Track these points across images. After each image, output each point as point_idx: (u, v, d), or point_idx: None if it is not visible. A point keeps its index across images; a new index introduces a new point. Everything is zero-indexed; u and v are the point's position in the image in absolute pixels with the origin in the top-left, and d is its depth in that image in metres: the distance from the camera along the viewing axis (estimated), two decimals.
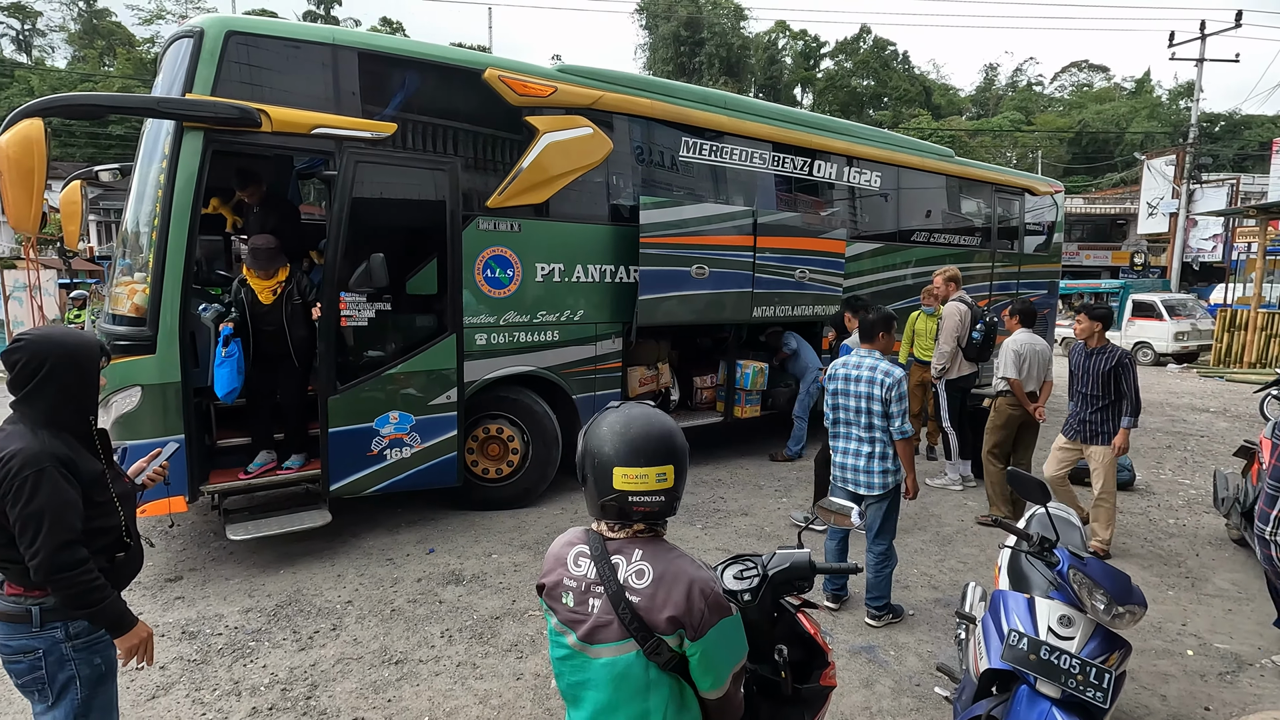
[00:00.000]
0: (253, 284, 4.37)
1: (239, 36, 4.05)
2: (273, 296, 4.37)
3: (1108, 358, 4.47)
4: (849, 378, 3.64)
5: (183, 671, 3.20)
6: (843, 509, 2.34)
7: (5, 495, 1.78)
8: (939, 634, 3.64)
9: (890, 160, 7.64)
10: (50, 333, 1.95)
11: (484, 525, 5.02)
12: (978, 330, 5.91)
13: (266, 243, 4.33)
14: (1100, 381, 4.46)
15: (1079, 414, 4.64)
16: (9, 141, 3.27)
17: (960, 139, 38.58)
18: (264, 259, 4.31)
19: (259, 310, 4.38)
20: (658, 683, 1.35)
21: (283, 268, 4.40)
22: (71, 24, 47.32)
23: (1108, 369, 4.44)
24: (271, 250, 4.33)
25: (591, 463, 1.37)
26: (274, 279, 4.36)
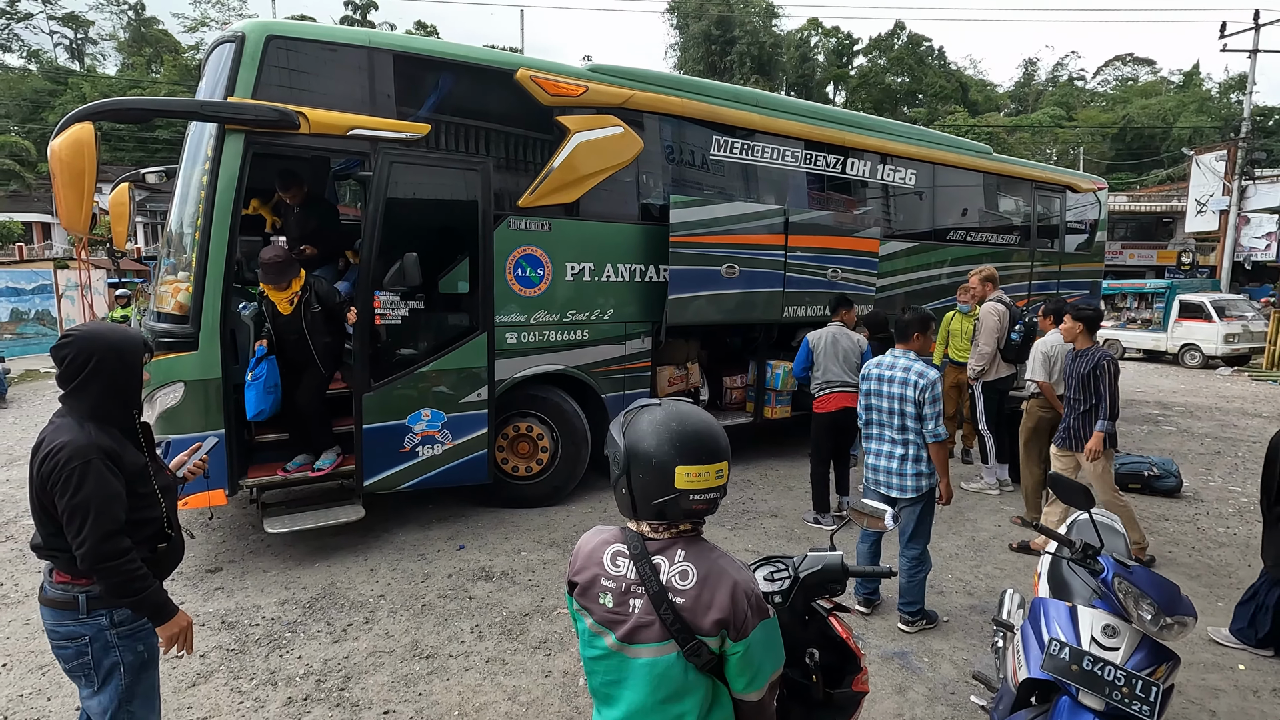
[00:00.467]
0: (271, 296, 4.39)
1: (278, 40, 4.14)
2: (290, 306, 4.37)
3: (1088, 359, 4.34)
4: (881, 378, 3.58)
5: (222, 660, 3.28)
6: (876, 511, 2.29)
7: (54, 486, 1.84)
8: (974, 641, 3.55)
9: (925, 157, 7.50)
10: (96, 329, 2.01)
11: (513, 523, 5.05)
12: (1016, 331, 5.78)
13: (275, 255, 4.31)
14: (1080, 384, 4.35)
15: (1066, 420, 4.51)
16: (61, 145, 3.38)
17: (998, 136, 37.76)
18: (274, 272, 4.27)
19: (280, 321, 4.41)
20: (695, 684, 1.34)
21: (295, 277, 4.36)
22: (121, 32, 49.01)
23: (1086, 371, 4.32)
24: (280, 262, 4.29)
25: (645, 464, 1.32)
26: (289, 290, 4.34)
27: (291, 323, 4.39)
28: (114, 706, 1.99)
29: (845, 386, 4.99)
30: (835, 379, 5.03)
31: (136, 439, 2.05)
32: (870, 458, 3.65)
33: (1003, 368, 5.89)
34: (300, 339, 4.40)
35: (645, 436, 1.34)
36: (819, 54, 50.94)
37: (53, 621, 1.96)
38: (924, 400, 3.41)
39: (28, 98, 40.79)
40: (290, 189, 5.00)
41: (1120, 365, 4.45)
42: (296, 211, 5.11)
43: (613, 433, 1.41)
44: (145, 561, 1.95)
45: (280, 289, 4.33)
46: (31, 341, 14.24)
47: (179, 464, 2.36)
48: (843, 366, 5.02)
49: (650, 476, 1.32)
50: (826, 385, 5.06)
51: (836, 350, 5.05)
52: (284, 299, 4.36)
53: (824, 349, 5.09)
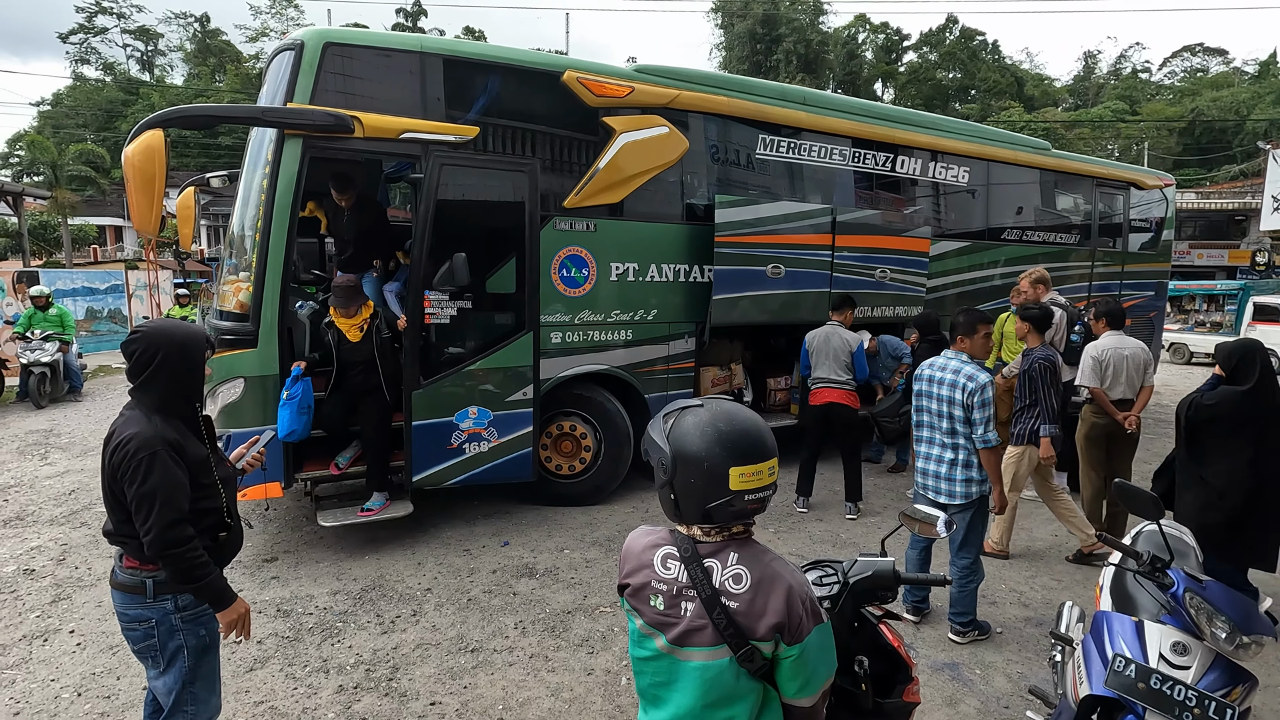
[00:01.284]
0: (340, 324, 4.44)
1: (335, 48, 4.27)
2: (360, 333, 4.43)
3: (1028, 360, 4.40)
4: (932, 379, 3.48)
5: (277, 647, 3.39)
6: (928, 517, 2.23)
7: (123, 475, 1.93)
8: (1030, 655, 3.43)
9: (979, 154, 7.28)
10: (162, 325, 2.10)
11: (556, 520, 5.09)
12: (1076, 332, 5.55)
13: (348, 282, 4.43)
14: (1021, 383, 4.46)
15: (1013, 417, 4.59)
16: (134, 151, 3.55)
17: (1055, 132, 36.44)
18: (345, 297, 4.40)
19: (346, 348, 4.45)
20: (746, 689, 1.32)
21: (365, 304, 4.49)
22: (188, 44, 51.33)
23: (1023, 370, 4.41)
24: (352, 288, 4.42)
25: (695, 467, 1.30)
26: (359, 317, 4.43)
27: (361, 349, 4.44)
28: (178, 687, 2.07)
29: (833, 383, 5.20)
30: (824, 375, 5.22)
31: (199, 431, 2.13)
32: (920, 461, 3.56)
33: (1064, 371, 5.67)
34: (370, 365, 4.44)
35: (693, 439, 1.31)
36: (867, 50, 50.06)
37: (122, 605, 2.05)
38: (972, 404, 3.30)
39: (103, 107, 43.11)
40: (344, 192, 5.09)
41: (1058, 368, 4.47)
42: (348, 214, 5.21)
43: (654, 436, 1.38)
44: (206, 550, 2.03)
45: (349, 315, 4.42)
46: (105, 338, 15.02)
47: (238, 456, 2.45)
48: (832, 364, 5.19)
49: (702, 480, 1.29)
50: (816, 381, 5.29)
51: (828, 348, 5.21)
52: (353, 326, 4.42)
53: (817, 347, 5.28)
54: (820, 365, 5.24)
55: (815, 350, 5.29)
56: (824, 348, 5.23)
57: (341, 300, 4.41)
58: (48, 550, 4.55)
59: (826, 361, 5.21)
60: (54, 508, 5.34)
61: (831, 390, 5.20)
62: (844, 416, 5.23)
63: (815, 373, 5.29)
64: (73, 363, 9.70)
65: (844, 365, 5.18)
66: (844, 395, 5.21)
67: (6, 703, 2.96)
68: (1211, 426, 3.41)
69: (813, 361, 5.31)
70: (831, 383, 5.20)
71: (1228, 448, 3.36)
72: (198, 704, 2.12)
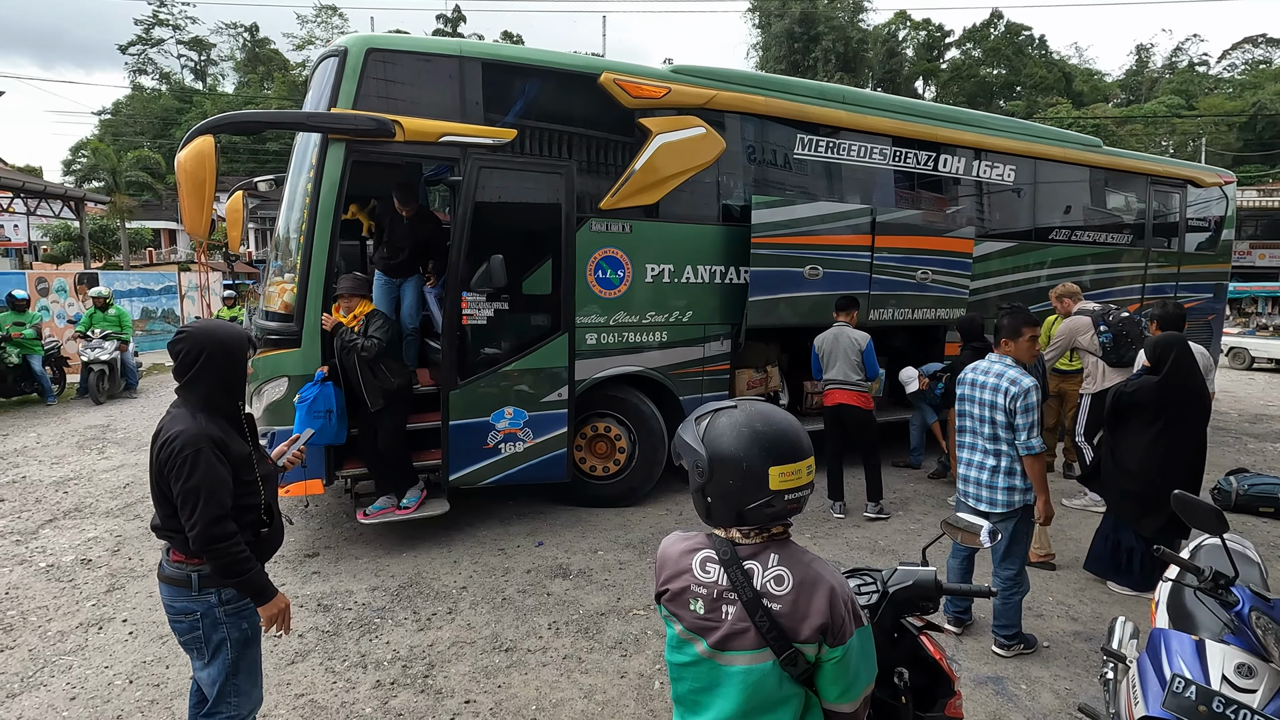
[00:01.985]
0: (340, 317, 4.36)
1: (377, 53, 4.35)
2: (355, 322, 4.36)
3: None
4: (975, 383, 3.38)
5: (317, 641, 3.46)
6: (971, 526, 2.16)
7: (170, 471, 1.98)
8: (1079, 670, 3.30)
9: (1026, 152, 7.06)
10: (207, 326, 2.16)
11: (590, 521, 5.10)
12: (1103, 333, 5.35)
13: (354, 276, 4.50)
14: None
15: None
16: (185, 156, 3.67)
17: (1106, 128, 35.23)
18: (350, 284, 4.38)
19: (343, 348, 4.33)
20: (789, 694, 1.30)
21: (364, 300, 4.42)
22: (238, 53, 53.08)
23: None
24: (359, 280, 4.45)
25: (733, 469, 1.28)
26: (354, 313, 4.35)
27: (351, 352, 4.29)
28: (222, 678, 2.12)
29: (843, 384, 5.21)
30: (835, 377, 5.23)
31: (241, 429, 2.18)
32: (962, 468, 3.45)
33: (1110, 376, 5.46)
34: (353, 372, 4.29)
35: (729, 440, 1.30)
36: (908, 48, 49.16)
37: (169, 597, 2.11)
38: (1015, 409, 3.19)
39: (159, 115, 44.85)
40: (408, 203, 5.02)
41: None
42: (407, 223, 5.04)
43: (686, 439, 1.36)
44: (248, 545, 2.07)
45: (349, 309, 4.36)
46: (159, 338, 15.59)
47: (279, 454, 2.50)
48: (843, 364, 5.18)
49: (741, 481, 1.28)
50: (828, 383, 5.30)
51: (837, 349, 5.22)
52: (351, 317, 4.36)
53: (827, 349, 5.28)
54: (831, 367, 5.25)
55: (825, 353, 5.29)
56: (834, 349, 5.24)
57: (346, 287, 4.37)
58: (103, 541, 4.73)
59: (837, 363, 5.21)
60: (110, 500, 5.56)
61: (843, 391, 5.21)
62: (857, 417, 5.23)
63: (826, 374, 5.29)
64: (129, 361, 10.10)
65: (854, 365, 5.17)
66: (855, 396, 5.20)
67: (64, 687, 3.08)
68: (1130, 412, 3.91)
69: (823, 364, 5.31)
70: (843, 384, 5.20)
71: (1140, 430, 3.88)
72: (240, 695, 2.17)
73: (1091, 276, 7.65)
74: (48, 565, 4.35)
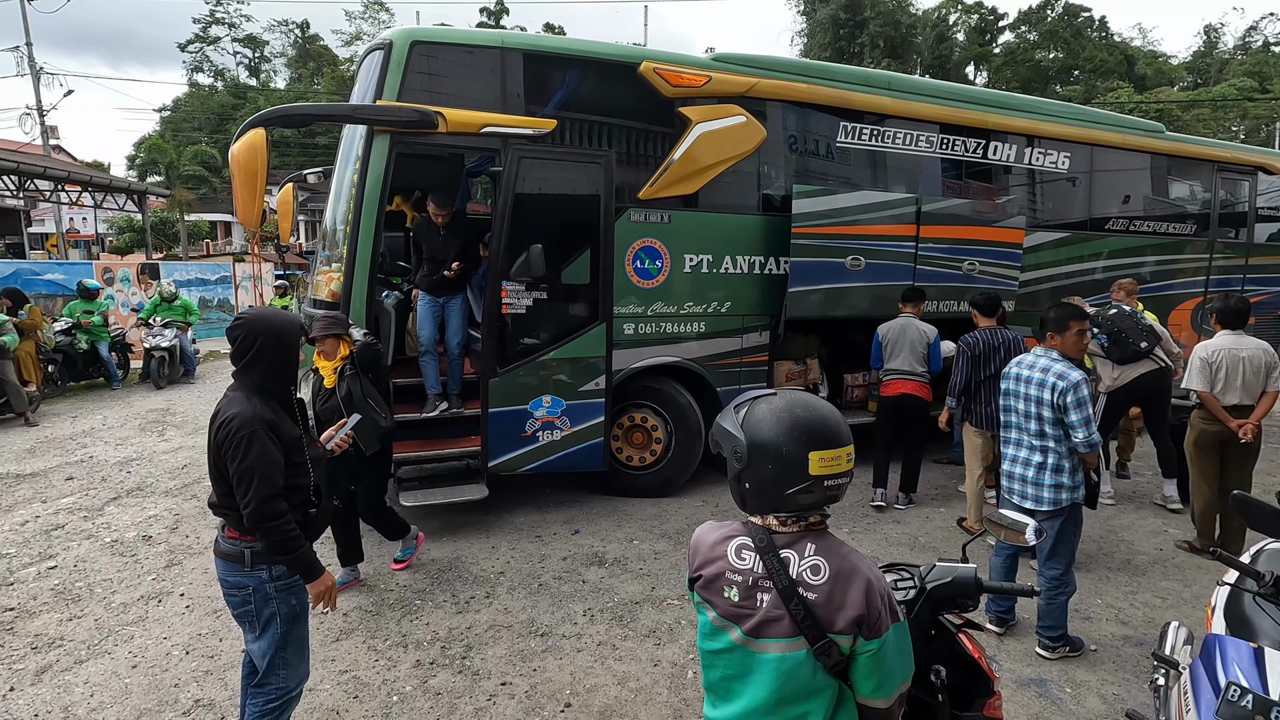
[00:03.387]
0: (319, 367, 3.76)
1: (421, 46, 4.42)
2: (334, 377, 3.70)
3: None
4: (1020, 378, 3.28)
5: (360, 620, 3.57)
6: (1015, 524, 2.10)
7: (226, 451, 2.07)
8: (1127, 676, 3.19)
9: (1082, 138, 6.78)
10: (262, 313, 2.24)
11: (626, 511, 5.13)
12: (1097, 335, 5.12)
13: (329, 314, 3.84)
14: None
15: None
16: (239, 148, 3.80)
17: (1170, 113, 33.60)
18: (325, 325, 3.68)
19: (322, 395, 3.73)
20: (822, 685, 1.29)
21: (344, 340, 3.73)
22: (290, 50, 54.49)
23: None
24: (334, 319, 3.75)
25: (773, 454, 1.29)
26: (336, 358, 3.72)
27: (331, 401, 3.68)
28: (271, 651, 2.21)
29: (908, 375, 5.18)
30: (898, 367, 5.19)
31: (293, 412, 2.26)
32: (1006, 464, 3.36)
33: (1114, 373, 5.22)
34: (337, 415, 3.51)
35: (768, 426, 1.31)
36: (958, 32, 47.61)
37: (224, 572, 2.21)
38: (1065, 404, 3.08)
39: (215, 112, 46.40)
40: (444, 206, 4.95)
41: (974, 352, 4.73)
42: (444, 233, 4.95)
43: (725, 426, 1.37)
44: (297, 524, 2.15)
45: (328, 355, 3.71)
46: (215, 326, 16.21)
47: (327, 438, 2.58)
48: (908, 355, 5.15)
49: (780, 466, 1.29)
50: (890, 372, 5.25)
51: (904, 340, 5.19)
52: (330, 368, 3.71)
53: (892, 339, 5.25)
54: (895, 357, 5.21)
55: (890, 342, 5.25)
56: (900, 339, 5.20)
57: (321, 327, 3.64)
58: (163, 519, 4.95)
59: (902, 353, 5.17)
60: (169, 480, 5.82)
61: (906, 382, 5.18)
62: (919, 408, 5.19)
63: (889, 364, 5.25)
64: (188, 348, 10.53)
65: (920, 357, 5.16)
66: (918, 387, 5.17)
67: (127, 655, 3.25)
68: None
69: (886, 354, 5.27)
70: (906, 374, 5.17)
71: None
72: (289, 668, 2.26)
73: (1150, 269, 7.33)
74: (112, 540, 4.58)
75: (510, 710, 2.88)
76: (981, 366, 4.67)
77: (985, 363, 4.66)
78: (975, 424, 4.78)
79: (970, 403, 4.78)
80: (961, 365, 4.73)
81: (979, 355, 4.69)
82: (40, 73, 21.45)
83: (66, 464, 6.24)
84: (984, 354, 4.68)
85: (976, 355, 4.70)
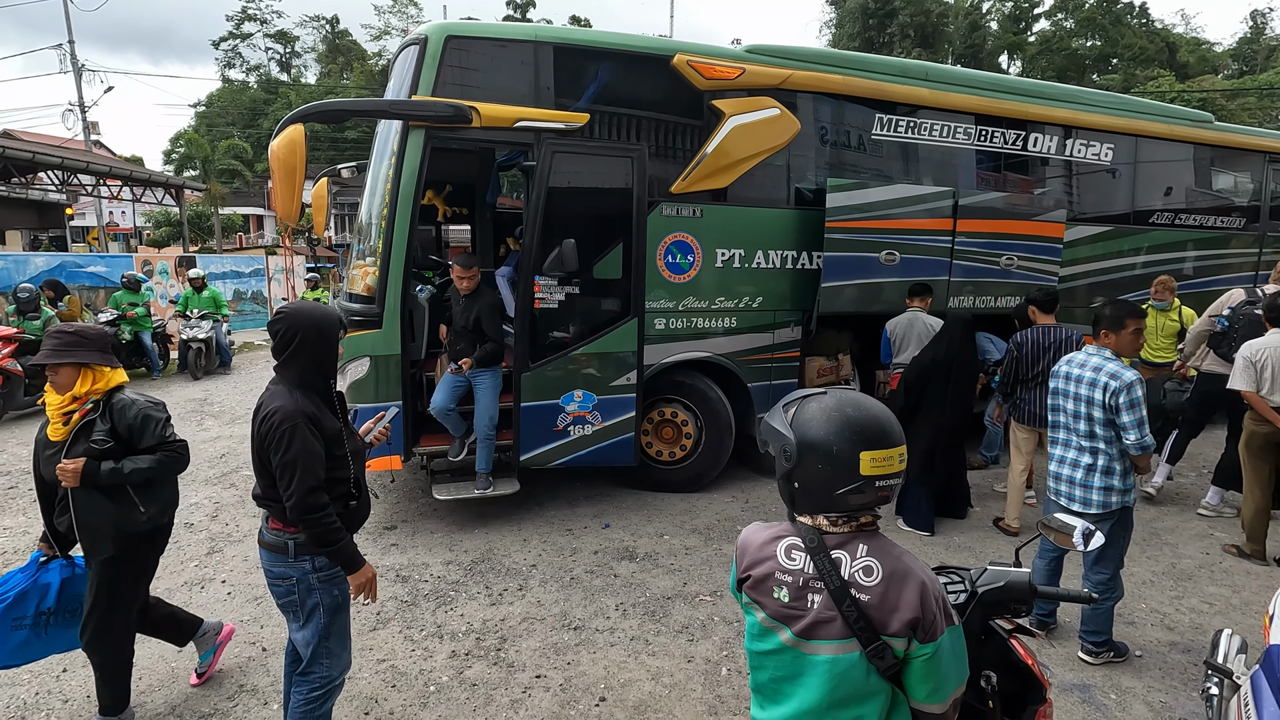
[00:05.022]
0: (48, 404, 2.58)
1: (455, 40, 4.42)
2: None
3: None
4: (1070, 377, 3.19)
5: (397, 610, 3.61)
6: (1065, 526, 2.05)
7: (269, 444, 2.10)
8: (1175, 684, 3.11)
9: (1126, 129, 6.58)
10: (302, 307, 2.26)
11: (656, 506, 5.12)
12: (1221, 319, 5.08)
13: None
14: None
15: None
16: (278, 144, 3.84)
17: (1215, 101, 32.50)
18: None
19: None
20: (875, 688, 1.27)
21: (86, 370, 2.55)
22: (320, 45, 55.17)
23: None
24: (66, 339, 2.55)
25: (824, 454, 1.28)
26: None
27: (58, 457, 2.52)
28: (315, 640, 2.25)
29: None
30: (906, 362, 5.14)
31: (333, 405, 2.29)
32: (1053, 465, 3.28)
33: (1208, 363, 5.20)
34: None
35: (819, 426, 1.29)
36: (991, 20, 46.56)
37: (268, 562, 2.24)
38: (1118, 405, 2.99)
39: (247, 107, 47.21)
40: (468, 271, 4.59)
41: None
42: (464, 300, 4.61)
43: (774, 425, 1.36)
44: (338, 516, 2.18)
45: (60, 391, 2.55)
46: (249, 317, 16.54)
47: (366, 430, 2.61)
48: (916, 350, 5.09)
49: (831, 466, 1.27)
50: (898, 367, 5.23)
51: (911, 334, 5.21)
52: (59, 412, 2.55)
53: (900, 334, 5.28)
54: (904, 351, 5.23)
55: (899, 338, 5.28)
56: (908, 334, 5.23)
57: (50, 350, 2.48)
58: (203, 507, 5.07)
59: (910, 348, 5.17)
60: (208, 469, 5.95)
61: None
62: None
63: (898, 359, 5.27)
64: (223, 340, 10.75)
65: None
66: None
67: None
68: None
69: (895, 348, 5.30)
70: None
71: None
72: (332, 657, 2.30)
73: (1194, 264, 7.11)
74: None
75: (545, 703, 2.89)
76: (1029, 365, 4.57)
77: (1033, 361, 4.55)
78: (1021, 420, 4.69)
79: (1018, 400, 4.70)
80: (1007, 364, 4.67)
81: (1025, 354, 4.58)
82: (82, 70, 22.00)
83: None
84: (1031, 353, 4.57)
85: (1022, 354, 4.59)
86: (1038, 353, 4.55)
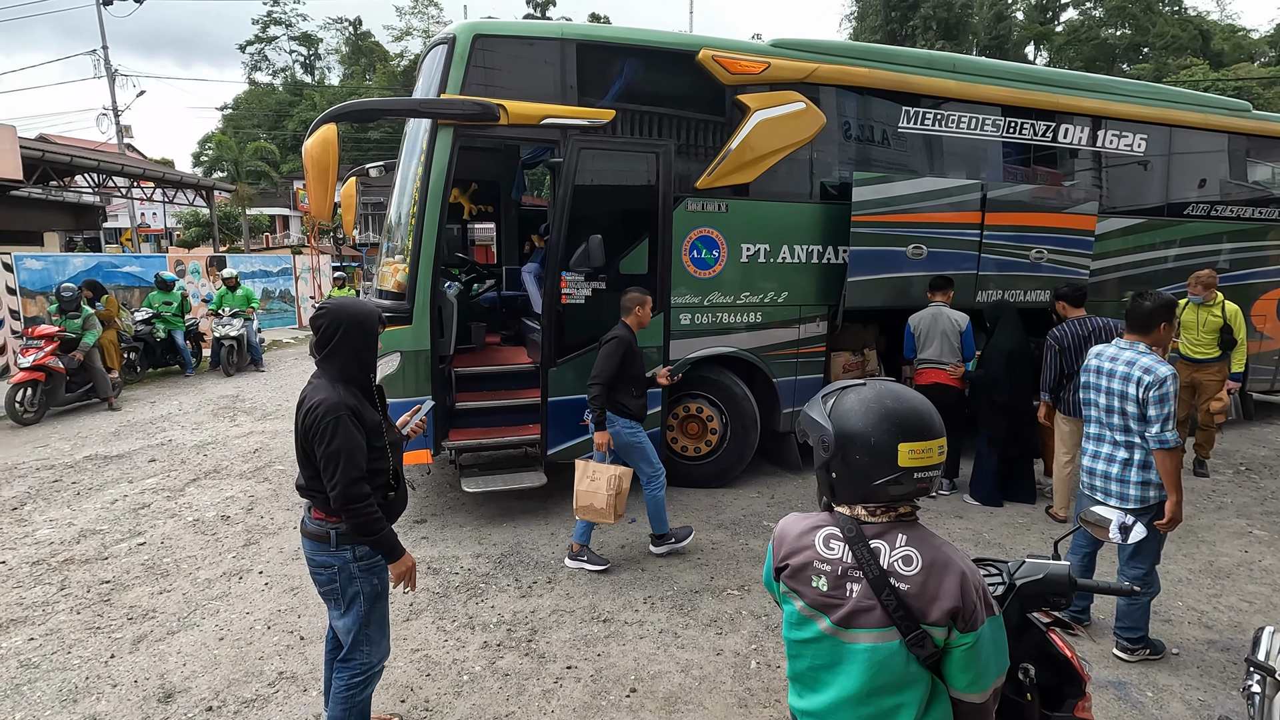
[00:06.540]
0: None
1: (483, 39, 4.47)
2: None
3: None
4: (1100, 370, 3.15)
5: (429, 602, 3.68)
6: (1103, 520, 2.03)
7: (313, 436, 2.15)
8: (1213, 682, 3.06)
9: (1159, 119, 6.44)
10: (343, 303, 2.31)
11: (681, 501, 5.13)
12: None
13: None
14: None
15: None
16: (312, 144, 3.92)
17: (1250, 90, 31.60)
18: None
19: None
20: (915, 677, 1.28)
21: None
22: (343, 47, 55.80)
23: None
24: None
25: (862, 444, 1.29)
26: None
27: None
28: (356, 628, 2.30)
29: (940, 364, 5.20)
30: (931, 356, 5.21)
31: (373, 399, 2.34)
32: (1087, 459, 3.24)
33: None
34: None
35: (858, 416, 1.30)
36: (1017, 11, 45.69)
37: (311, 551, 2.30)
38: (1149, 399, 2.94)
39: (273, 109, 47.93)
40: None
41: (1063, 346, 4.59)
42: None
43: (813, 416, 1.37)
44: (379, 507, 2.23)
45: None
46: (277, 316, 16.83)
47: (403, 423, 2.66)
48: (940, 345, 5.18)
49: (869, 457, 1.28)
50: (923, 362, 5.27)
51: (935, 329, 5.20)
52: None
53: (924, 329, 5.27)
54: (927, 346, 5.24)
55: (923, 332, 5.27)
56: (932, 329, 5.22)
57: None
58: (238, 500, 5.19)
59: (935, 343, 5.20)
60: (242, 463, 6.08)
61: (939, 371, 5.20)
62: (949, 397, 5.12)
63: (922, 354, 5.28)
64: (253, 338, 10.96)
65: (953, 348, 5.17)
66: (948, 375, 5.16)
67: (214, 628, 3.42)
68: None
69: (919, 343, 5.29)
70: (939, 364, 5.19)
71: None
72: (372, 644, 2.35)
73: (1229, 257, 6.95)
74: (194, 520, 4.82)
75: (576, 693, 2.93)
76: (1073, 358, 4.50)
77: (1077, 354, 4.48)
78: (1065, 411, 4.64)
79: (1061, 391, 4.65)
80: (1050, 361, 4.61)
81: (1067, 348, 4.54)
82: (115, 74, 22.51)
83: (148, 447, 6.58)
84: (1073, 345, 4.52)
85: (1065, 348, 4.54)
86: (1079, 344, 4.47)
